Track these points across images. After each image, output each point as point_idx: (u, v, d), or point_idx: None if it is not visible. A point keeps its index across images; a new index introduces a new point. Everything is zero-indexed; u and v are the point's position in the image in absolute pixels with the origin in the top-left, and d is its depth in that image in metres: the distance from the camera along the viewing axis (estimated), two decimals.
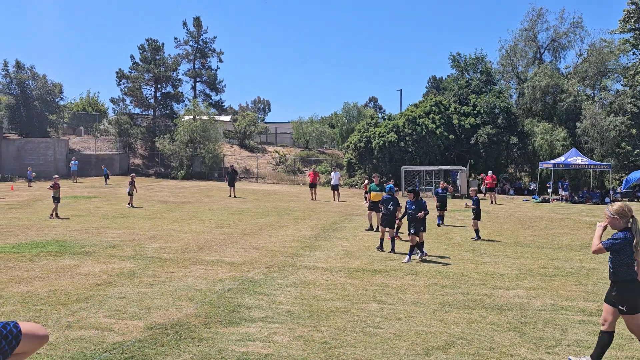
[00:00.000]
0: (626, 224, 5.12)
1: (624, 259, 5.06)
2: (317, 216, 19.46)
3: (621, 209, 5.16)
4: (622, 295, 5.06)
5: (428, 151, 35.31)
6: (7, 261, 10.01)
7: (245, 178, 40.86)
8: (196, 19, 50.73)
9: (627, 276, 5.06)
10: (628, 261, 5.06)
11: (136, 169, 42.29)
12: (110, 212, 19.31)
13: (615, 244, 5.06)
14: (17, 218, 17.07)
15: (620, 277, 5.09)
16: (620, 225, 5.14)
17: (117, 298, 7.54)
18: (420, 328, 6.44)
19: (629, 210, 5.16)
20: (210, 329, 6.22)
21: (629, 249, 5.03)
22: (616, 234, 5.13)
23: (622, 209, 5.15)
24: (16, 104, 42.69)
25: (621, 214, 5.11)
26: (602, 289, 8.73)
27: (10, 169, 39.14)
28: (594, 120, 34.56)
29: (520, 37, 42.54)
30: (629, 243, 5.03)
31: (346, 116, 49.54)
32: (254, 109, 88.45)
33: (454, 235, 15.06)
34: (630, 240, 5.03)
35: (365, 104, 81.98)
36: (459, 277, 9.42)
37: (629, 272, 5.07)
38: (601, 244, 5.10)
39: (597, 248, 5.13)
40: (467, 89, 39.76)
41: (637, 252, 5.04)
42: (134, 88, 44.11)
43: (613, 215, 5.15)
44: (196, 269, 9.70)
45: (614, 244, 5.05)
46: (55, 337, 5.82)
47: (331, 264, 10.39)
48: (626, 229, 5.10)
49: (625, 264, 5.07)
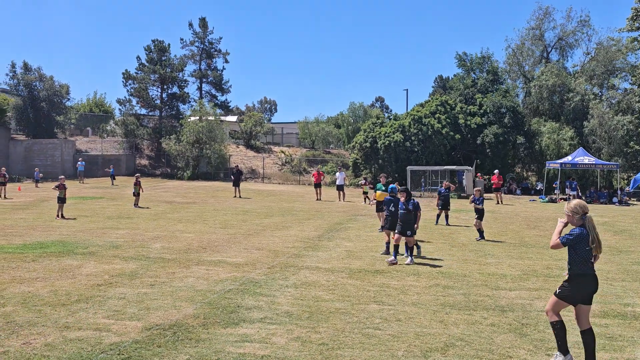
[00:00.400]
0: (582, 220, 5.32)
1: (580, 254, 5.28)
2: (321, 216, 19.43)
3: (576, 206, 5.40)
4: (568, 282, 5.35)
5: (434, 151, 35.18)
6: (10, 261, 10.06)
7: (251, 178, 40.91)
8: (202, 19, 50.91)
9: (580, 270, 5.29)
10: (583, 256, 5.27)
11: (142, 169, 42.47)
12: (116, 212, 19.38)
13: (570, 240, 5.29)
14: (23, 218, 17.17)
15: (573, 272, 5.33)
16: (577, 222, 5.36)
17: (117, 299, 7.55)
18: (419, 329, 6.39)
19: (583, 207, 5.38)
20: (208, 330, 6.21)
21: (584, 244, 5.25)
22: (572, 229, 5.37)
23: (577, 207, 5.38)
24: (24, 105, 43.00)
25: (576, 211, 5.34)
26: (606, 290, 8.64)
27: (18, 170, 39.41)
28: (601, 120, 34.28)
29: (526, 36, 42.32)
30: (584, 239, 5.24)
31: (352, 116, 49.49)
32: (260, 109, 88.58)
33: (459, 236, 14.98)
34: (585, 236, 5.24)
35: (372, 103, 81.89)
36: (461, 278, 9.36)
37: (582, 267, 5.29)
38: (559, 240, 5.34)
39: (554, 243, 5.38)
40: (474, 89, 39.59)
41: (593, 248, 5.24)
42: (141, 89, 44.31)
43: (570, 213, 5.38)
44: (198, 269, 9.70)
45: (569, 239, 5.29)
46: (54, 338, 5.83)
47: (333, 265, 10.36)
48: (582, 225, 5.32)
49: (581, 259, 5.29)
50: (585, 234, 5.26)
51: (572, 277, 5.34)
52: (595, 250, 5.25)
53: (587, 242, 5.24)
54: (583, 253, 5.27)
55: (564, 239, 5.34)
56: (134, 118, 44.59)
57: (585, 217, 5.33)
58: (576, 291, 5.29)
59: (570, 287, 5.32)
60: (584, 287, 5.30)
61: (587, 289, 5.32)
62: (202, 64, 51.94)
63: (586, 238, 5.25)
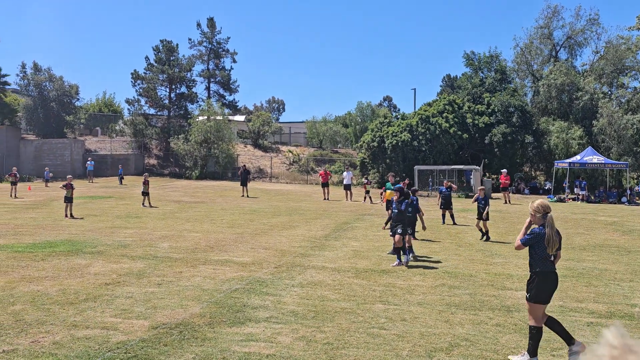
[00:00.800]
0: (543, 219, 5.44)
1: (539, 253, 5.42)
2: (328, 216, 19.45)
3: (539, 205, 5.51)
4: (532, 283, 5.46)
5: (441, 150, 35.07)
6: (20, 260, 10.18)
7: (258, 178, 41.01)
8: (210, 19, 51.05)
9: (540, 268, 5.41)
10: (542, 254, 5.41)
11: (151, 169, 42.71)
12: (124, 212, 19.53)
13: (529, 239, 5.46)
14: (33, 218, 17.34)
15: (534, 269, 5.47)
16: (539, 221, 5.48)
17: (125, 297, 7.62)
18: (424, 329, 6.40)
19: (545, 207, 5.49)
20: (214, 329, 6.26)
21: (542, 243, 5.39)
22: (532, 229, 5.53)
23: (540, 206, 5.50)
24: (34, 105, 43.40)
25: (538, 211, 5.47)
26: (613, 290, 8.61)
27: (29, 170, 39.78)
28: (610, 119, 33.99)
29: (535, 34, 42.03)
30: (542, 238, 5.38)
31: (360, 115, 49.44)
32: (268, 108, 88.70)
33: (465, 235, 14.94)
34: (543, 235, 5.37)
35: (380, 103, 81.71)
36: (467, 278, 9.35)
37: (542, 264, 5.41)
38: (519, 241, 5.52)
39: (516, 245, 5.58)
40: (481, 88, 39.41)
41: (548, 247, 5.37)
42: (149, 89, 44.53)
43: (533, 212, 5.52)
44: (205, 268, 9.77)
45: (528, 239, 5.46)
46: (62, 336, 5.91)
47: (339, 264, 10.38)
48: (543, 224, 5.45)
49: (540, 258, 5.43)
50: (543, 233, 5.39)
51: (535, 276, 5.47)
52: (549, 249, 5.36)
53: (544, 241, 5.38)
54: (541, 252, 5.40)
55: (523, 240, 5.51)
56: (142, 118, 44.83)
57: (546, 217, 5.44)
58: (544, 288, 5.42)
59: (536, 286, 5.42)
60: (549, 284, 5.44)
61: (551, 285, 5.46)
62: (210, 64, 52.10)
63: (543, 237, 5.38)
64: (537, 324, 5.38)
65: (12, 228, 14.80)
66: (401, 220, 10.63)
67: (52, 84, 44.20)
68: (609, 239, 14.66)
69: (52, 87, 44.10)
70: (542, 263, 5.42)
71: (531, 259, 5.50)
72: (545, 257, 5.40)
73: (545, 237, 5.35)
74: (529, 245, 5.47)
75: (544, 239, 5.37)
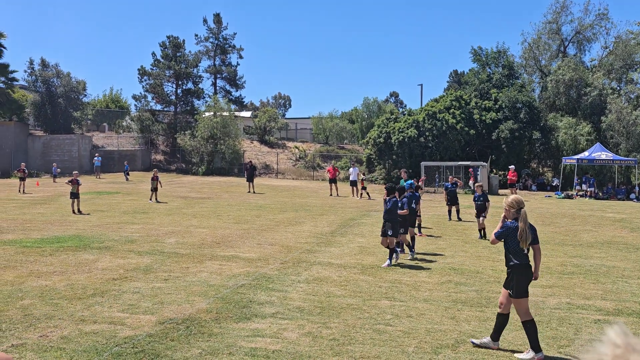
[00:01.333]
0: (517, 214, 5.59)
1: (511, 246, 5.59)
2: (335, 212, 19.45)
3: (513, 201, 5.65)
4: (511, 280, 5.60)
5: (448, 146, 34.95)
6: (28, 255, 10.26)
7: (264, 174, 41.05)
8: (216, 15, 51.07)
9: (514, 262, 5.56)
10: (515, 248, 5.56)
11: (158, 164, 42.84)
12: (131, 207, 19.61)
13: (501, 233, 5.64)
14: (41, 213, 17.46)
15: (508, 263, 5.64)
16: (513, 215, 5.64)
17: (132, 293, 7.67)
18: (430, 326, 6.40)
19: (519, 203, 5.63)
20: (220, 325, 6.28)
21: (515, 237, 5.55)
22: (505, 223, 5.67)
23: (514, 202, 5.63)
24: (41, 101, 43.62)
25: (512, 206, 5.62)
26: (621, 287, 8.56)
27: (37, 165, 40.01)
28: (619, 115, 33.72)
29: (543, 30, 41.71)
30: (514, 232, 5.54)
31: (366, 111, 49.32)
32: (274, 104, 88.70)
33: (472, 232, 14.90)
34: (515, 229, 5.54)
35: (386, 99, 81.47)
36: (474, 275, 9.32)
37: (516, 258, 5.55)
38: (493, 234, 5.71)
39: (491, 239, 5.81)
40: (489, 84, 39.20)
41: (521, 241, 5.49)
42: (156, 85, 44.63)
43: (507, 207, 5.69)
44: (211, 264, 9.80)
45: (501, 233, 5.65)
46: (69, 331, 5.95)
47: (345, 260, 10.39)
48: (516, 218, 5.60)
49: (513, 251, 5.59)
50: (515, 226, 5.57)
51: (511, 270, 5.61)
52: (522, 244, 5.49)
53: (517, 235, 5.55)
54: (514, 245, 5.57)
55: (497, 233, 5.69)
56: (149, 114, 44.96)
57: (520, 212, 5.56)
58: (523, 281, 5.55)
59: (516, 281, 5.54)
60: (525, 276, 5.57)
61: (528, 277, 5.62)
62: (216, 60, 52.15)
63: (516, 231, 5.55)
64: (527, 317, 5.49)
65: (20, 223, 14.90)
66: (391, 219, 10.08)
67: (59, 80, 44.41)
68: (617, 236, 14.57)
69: (59, 83, 44.31)
70: (516, 256, 5.56)
71: (506, 253, 5.68)
72: (518, 251, 5.55)
73: (518, 231, 5.51)
74: (504, 240, 5.64)
75: (516, 233, 5.52)
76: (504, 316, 5.68)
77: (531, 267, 5.63)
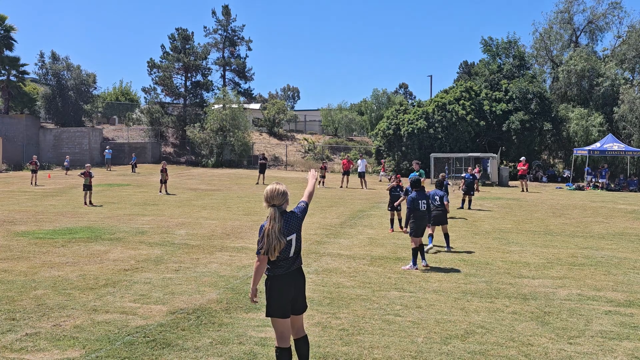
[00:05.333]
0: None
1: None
2: (344, 204, 19.47)
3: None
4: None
5: (458, 138, 34.77)
6: (41, 247, 10.38)
7: (274, 166, 41.11)
8: (225, 7, 51.00)
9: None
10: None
11: (167, 157, 43.07)
12: (142, 199, 19.75)
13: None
14: (53, 205, 17.64)
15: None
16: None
17: (143, 283, 7.74)
18: (440, 316, 6.40)
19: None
20: (230, 315, 6.33)
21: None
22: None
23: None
24: (52, 94, 43.95)
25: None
26: (632, 279, 8.50)
27: (48, 158, 40.40)
28: (632, 105, 33.30)
29: (555, 19, 41.23)
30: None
31: (375, 103, 49.13)
32: (283, 96, 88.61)
33: (482, 224, 14.85)
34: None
35: (396, 90, 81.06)
36: (483, 266, 9.30)
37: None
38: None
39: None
40: (499, 74, 38.87)
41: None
42: (165, 77, 44.77)
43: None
44: (221, 255, 9.86)
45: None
46: (82, 320, 6.03)
47: (355, 252, 10.41)
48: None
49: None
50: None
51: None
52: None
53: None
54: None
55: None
56: (158, 106, 45.15)
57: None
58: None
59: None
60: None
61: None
62: (225, 52, 52.14)
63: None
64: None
65: (33, 215, 15.08)
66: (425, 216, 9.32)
67: (70, 73, 44.69)
68: (628, 228, 14.45)
69: (70, 76, 44.60)
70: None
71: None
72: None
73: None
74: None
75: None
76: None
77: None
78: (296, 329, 4.40)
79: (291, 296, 4.24)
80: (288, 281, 4.22)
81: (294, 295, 4.26)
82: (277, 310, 4.19)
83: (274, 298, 4.19)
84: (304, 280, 4.40)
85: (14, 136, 39.81)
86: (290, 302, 4.23)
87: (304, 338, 4.43)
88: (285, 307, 4.20)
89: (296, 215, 4.39)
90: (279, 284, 4.19)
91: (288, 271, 4.23)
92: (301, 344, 4.41)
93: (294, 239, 4.25)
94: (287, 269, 4.23)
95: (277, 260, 4.19)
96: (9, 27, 41.60)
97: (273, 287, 4.20)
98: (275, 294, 4.19)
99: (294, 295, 4.25)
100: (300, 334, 4.42)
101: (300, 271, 4.38)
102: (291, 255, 4.24)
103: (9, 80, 41.56)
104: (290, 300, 4.23)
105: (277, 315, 4.21)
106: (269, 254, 4.11)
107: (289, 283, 4.23)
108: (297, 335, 4.40)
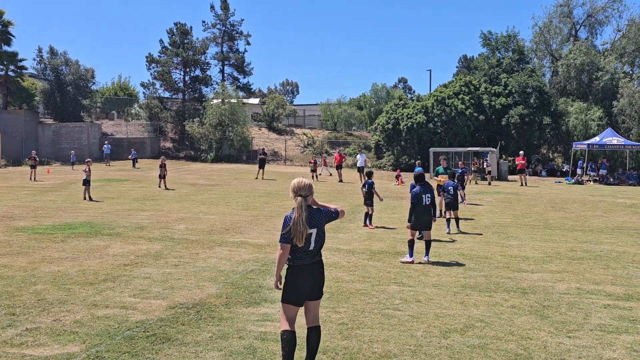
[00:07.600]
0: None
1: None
2: (343, 198, 19.47)
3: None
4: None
5: (457, 132, 34.74)
6: (40, 242, 10.38)
7: (273, 160, 41.09)
8: (223, 1, 50.72)
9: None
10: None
11: (167, 152, 43.03)
12: (141, 194, 19.75)
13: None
14: (52, 200, 17.63)
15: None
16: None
17: (143, 278, 7.75)
18: (439, 310, 6.42)
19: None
20: (230, 309, 6.34)
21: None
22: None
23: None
24: (51, 89, 43.81)
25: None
26: (631, 272, 8.52)
27: (47, 153, 40.32)
28: (631, 99, 33.28)
29: (554, 13, 41.14)
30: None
31: (374, 97, 49.07)
32: (282, 91, 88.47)
33: (481, 218, 14.87)
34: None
35: (395, 84, 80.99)
36: (482, 260, 9.32)
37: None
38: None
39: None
40: (498, 68, 38.80)
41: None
42: (164, 72, 44.64)
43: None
44: (220, 250, 9.87)
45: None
46: (82, 315, 6.04)
47: (354, 246, 10.42)
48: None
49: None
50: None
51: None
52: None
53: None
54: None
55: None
56: (157, 101, 45.04)
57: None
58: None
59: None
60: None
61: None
62: (224, 47, 51.94)
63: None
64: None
65: (32, 210, 15.07)
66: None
67: (68, 68, 44.53)
68: (627, 222, 14.47)
69: (68, 71, 44.44)
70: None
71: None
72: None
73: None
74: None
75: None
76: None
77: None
78: (311, 317, 4.63)
79: (308, 287, 4.52)
80: (307, 273, 4.50)
81: (312, 284, 4.54)
82: (291, 298, 4.52)
83: (291, 286, 4.49)
84: (322, 272, 4.65)
85: (12, 131, 39.73)
86: (306, 291, 4.53)
87: (316, 328, 4.62)
88: (299, 296, 4.51)
89: (321, 212, 4.70)
90: (297, 274, 4.48)
91: (308, 263, 4.51)
92: (313, 334, 4.61)
93: (314, 233, 4.51)
94: (306, 261, 4.51)
95: (299, 252, 4.46)
96: (7, 22, 41.40)
97: (292, 276, 4.49)
98: (292, 283, 4.49)
99: (311, 285, 4.54)
100: (314, 322, 4.63)
101: (321, 263, 4.64)
102: (311, 248, 4.50)
103: (7, 76, 41.43)
104: (308, 288, 4.53)
105: (290, 302, 4.53)
106: (295, 240, 4.39)
107: (307, 275, 4.50)
108: (310, 324, 4.63)
